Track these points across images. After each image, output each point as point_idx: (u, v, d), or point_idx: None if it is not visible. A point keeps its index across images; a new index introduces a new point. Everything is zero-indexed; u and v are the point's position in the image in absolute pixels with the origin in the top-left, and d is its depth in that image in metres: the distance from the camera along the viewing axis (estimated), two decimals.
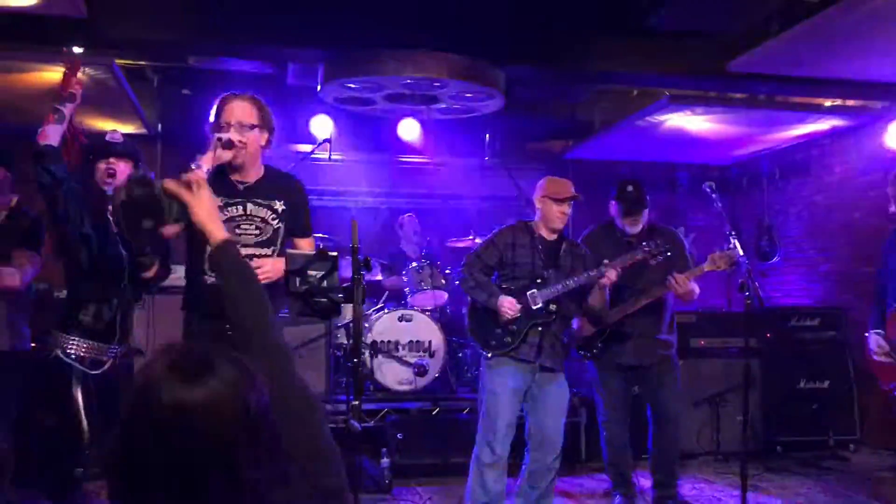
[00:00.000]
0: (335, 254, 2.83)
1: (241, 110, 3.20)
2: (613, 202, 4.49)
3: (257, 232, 3.22)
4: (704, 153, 8.02)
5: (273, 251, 3.24)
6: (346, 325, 5.77)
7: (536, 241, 4.03)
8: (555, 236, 4.08)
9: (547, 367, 3.94)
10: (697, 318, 6.33)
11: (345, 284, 2.87)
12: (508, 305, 3.85)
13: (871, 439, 6.38)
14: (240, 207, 3.21)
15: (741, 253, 3.92)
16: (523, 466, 4.08)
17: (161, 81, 6.92)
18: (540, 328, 3.92)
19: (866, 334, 4.45)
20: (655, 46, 5.41)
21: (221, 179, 3.18)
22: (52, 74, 5.53)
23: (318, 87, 5.38)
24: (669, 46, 5.41)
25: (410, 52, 5.08)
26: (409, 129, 6.73)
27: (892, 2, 4.25)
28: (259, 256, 3.15)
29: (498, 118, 6.54)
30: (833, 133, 7.11)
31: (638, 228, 4.42)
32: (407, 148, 7.24)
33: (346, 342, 5.83)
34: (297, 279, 2.82)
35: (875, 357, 4.34)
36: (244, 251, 3.11)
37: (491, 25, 5.20)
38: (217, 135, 3.12)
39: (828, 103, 6.45)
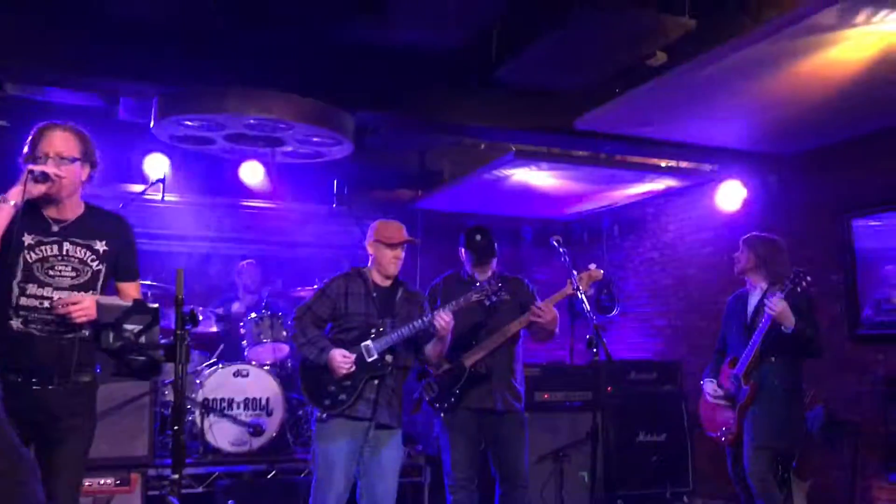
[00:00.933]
0: (155, 305, 2.51)
1: (61, 141, 2.95)
2: (463, 250, 4.41)
3: (74, 274, 2.93)
4: (548, 208, 8.20)
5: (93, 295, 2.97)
6: (173, 382, 5.31)
7: (371, 289, 3.86)
8: (389, 282, 3.92)
9: (384, 425, 3.74)
10: (542, 371, 6.33)
11: (166, 341, 2.55)
12: (341, 360, 3.64)
13: (703, 490, 6.57)
14: (55, 247, 2.92)
15: (586, 305, 3.91)
16: None
17: None
18: (376, 382, 3.71)
19: (701, 382, 4.57)
20: (504, 101, 5.44)
21: (34, 216, 2.90)
22: None
23: (152, 124, 5.00)
24: (518, 102, 5.46)
25: (255, 91, 4.81)
26: (251, 172, 6.40)
27: (723, 72, 4.46)
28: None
29: (346, 164, 6.38)
30: (668, 193, 7.45)
31: (487, 276, 4.35)
32: (250, 192, 6.90)
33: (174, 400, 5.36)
34: (111, 334, 2.47)
35: (710, 399, 4.46)
36: (58, 294, 2.85)
37: (341, 70, 5.05)
38: (30, 166, 2.81)
39: (664, 164, 6.74)
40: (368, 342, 3.71)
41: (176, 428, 2.38)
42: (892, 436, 5.11)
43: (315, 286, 6.25)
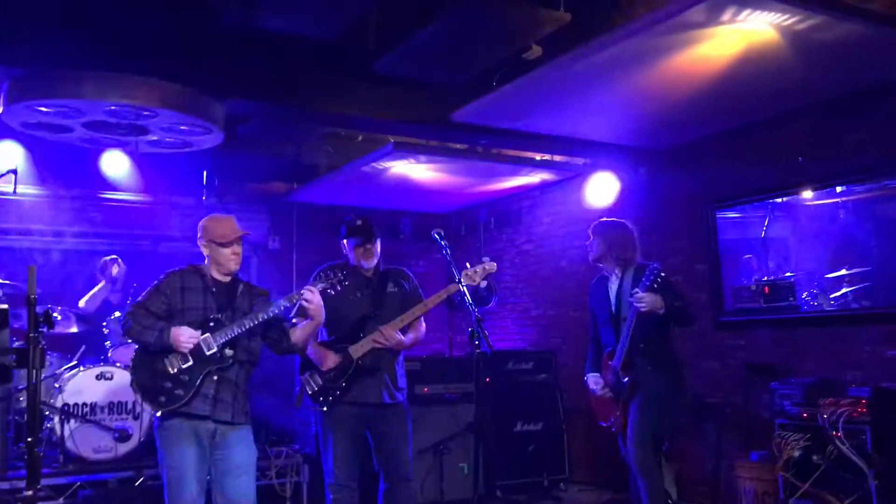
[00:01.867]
0: (4, 307, 2.29)
1: None
2: (346, 240, 4.30)
3: None
4: (427, 201, 8.20)
5: None
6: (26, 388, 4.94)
7: (209, 284, 3.70)
8: (229, 278, 3.77)
9: (225, 421, 3.57)
10: (421, 365, 6.32)
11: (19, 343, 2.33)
12: (188, 336, 3.48)
13: (578, 476, 6.75)
14: None
15: (469, 299, 3.90)
16: None
17: None
18: (215, 377, 3.55)
19: (585, 377, 4.65)
20: (382, 92, 5.36)
21: None
22: None
23: (0, 109, 4.61)
24: (396, 93, 5.40)
25: (115, 75, 4.52)
26: (114, 163, 6.03)
27: (596, 67, 4.56)
28: None
29: (218, 155, 6.13)
30: (542, 186, 7.60)
31: (373, 262, 4.28)
32: (113, 184, 6.51)
33: None
34: None
35: (598, 393, 4.54)
36: None
37: (211, 56, 4.82)
38: None
39: (538, 157, 6.86)
40: (207, 335, 3.54)
41: (30, 440, 2.19)
42: (752, 417, 5.39)
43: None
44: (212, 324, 3.57)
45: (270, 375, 6.00)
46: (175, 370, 3.50)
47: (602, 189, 6.62)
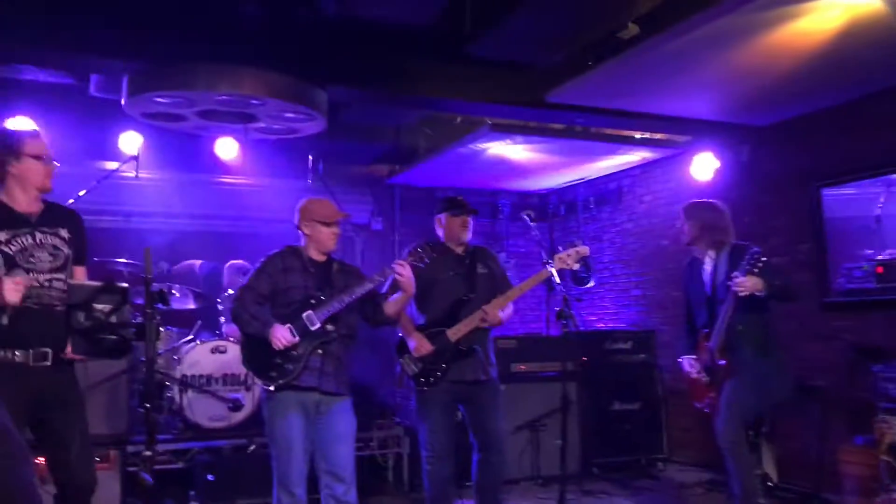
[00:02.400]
0: (125, 285, 2.53)
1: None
2: (444, 213, 4.43)
3: (52, 258, 3.18)
4: (525, 181, 8.22)
5: (67, 276, 3.19)
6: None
7: (307, 264, 3.91)
8: (324, 258, 3.97)
9: (330, 392, 3.79)
10: (518, 343, 6.41)
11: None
12: (280, 335, 3.69)
13: (677, 456, 6.71)
14: (28, 238, 3.17)
15: (558, 280, 3.96)
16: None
17: None
18: (320, 351, 3.77)
19: (679, 360, 4.63)
20: (478, 74, 5.44)
21: (8, 214, 3.20)
22: None
23: (123, 101, 4.96)
24: (491, 75, 5.46)
25: (226, 67, 4.78)
26: (226, 148, 6.36)
27: (693, 44, 4.49)
28: (55, 280, 3.13)
29: (322, 140, 6.35)
30: (643, 164, 7.51)
31: (467, 236, 4.43)
32: (225, 168, 6.87)
33: None
34: (81, 314, 2.49)
35: (693, 375, 4.52)
36: (41, 277, 3.09)
37: (314, 45, 5.03)
38: None
39: (638, 136, 6.79)
40: (310, 311, 3.76)
41: (147, 405, 2.42)
42: (857, 401, 5.23)
43: None
44: (313, 301, 3.77)
45: (372, 351, 6.25)
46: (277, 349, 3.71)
47: (702, 167, 6.50)
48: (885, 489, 4.46)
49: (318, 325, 3.74)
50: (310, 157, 6.86)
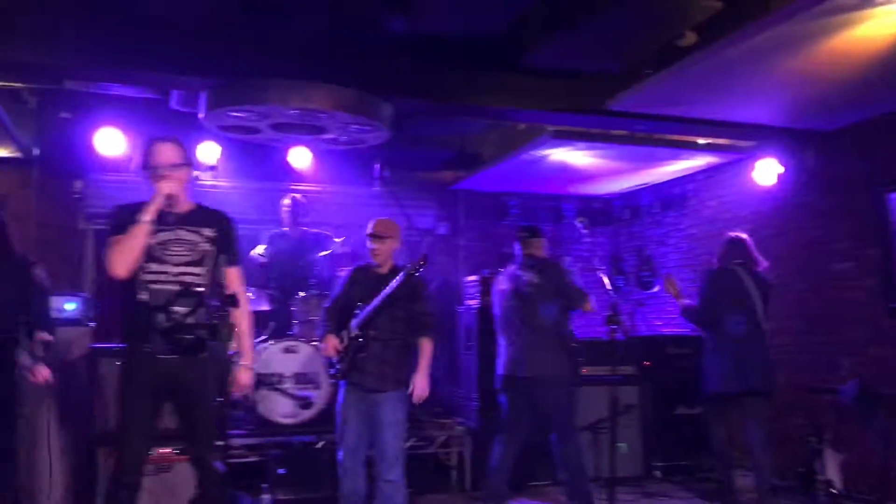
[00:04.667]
0: (201, 289, 2.77)
1: (171, 152, 3.54)
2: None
3: (186, 253, 3.42)
4: (588, 185, 8.30)
5: (205, 270, 3.41)
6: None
7: (370, 275, 4.48)
8: (385, 270, 4.46)
9: (372, 389, 4.30)
10: (581, 347, 6.48)
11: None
12: (324, 347, 4.42)
13: (742, 461, 6.66)
14: (170, 233, 3.43)
15: (609, 287, 4.08)
16: None
17: (39, 104, 6.63)
18: (363, 353, 4.30)
19: None
20: (539, 84, 5.56)
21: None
22: None
23: (201, 115, 5.28)
24: (552, 84, 5.57)
25: (295, 83, 5.04)
26: (299, 158, 6.67)
27: (751, 51, 4.53)
28: (189, 274, 3.33)
29: (388, 148, 6.56)
30: (707, 169, 7.50)
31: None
32: (297, 176, 7.17)
33: None
34: (162, 315, 2.74)
35: None
36: (174, 270, 3.32)
37: (377, 59, 5.24)
38: (165, 192, 3.38)
39: (701, 141, 6.79)
40: (352, 321, 4.36)
41: (220, 400, 2.66)
42: None
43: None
44: (356, 310, 4.33)
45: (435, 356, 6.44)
46: (339, 349, 4.35)
47: (767, 172, 6.47)
48: None
49: (355, 332, 4.30)
50: (376, 165, 7.08)
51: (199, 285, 3.29)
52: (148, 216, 3.28)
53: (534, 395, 4.97)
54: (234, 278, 3.53)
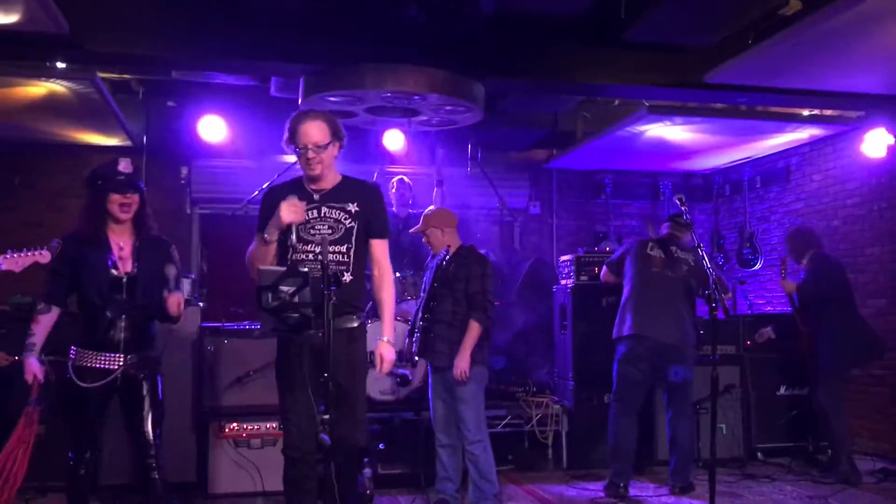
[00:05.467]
0: (307, 269, 2.88)
1: (316, 131, 3.40)
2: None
3: (330, 231, 3.41)
4: (686, 161, 8.11)
5: (348, 248, 3.43)
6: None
7: (434, 264, 4.75)
8: (444, 256, 4.69)
9: (444, 367, 4.57)
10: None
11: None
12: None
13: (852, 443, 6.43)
14: (314, 211, 3.43)
15: (708, 265, 4.00)
16: None
17: (146, 93, 6.96)
18: (431, 334, 4.64)
19: None
20: (634, 59, 5.48)
21: (300, 190, 3.46)
22: (36, 89, 5.59)
23: (299, 101, 5.43)
24: (648, 59, 5.48)
25: (389, 67, 5.13)
26: (394, 140, 6.78)
27: (858, 18, 4.33)
28: (334, 252, 3.36)
29: (481, 128, 6.59)
30: (812, 142, 7.21)
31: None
32: (391, 158, 7.28)
33: None
34: (269, 295, 2.86)
35: None
36: (317, 249, 3.33)
37: (469, 40, 5.26)
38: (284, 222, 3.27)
39: (806, 113, 6.54)
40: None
41: (325, 375, 2.76)
42: None
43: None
44: (407, 296, 4.74)
45: (530, 335, 6.47)
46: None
47: (877, 143, 6.18)
48: None
49: (422, 315, 4.71)
50: (469, 146, 7.12)
51: (342, 263, 3.32)
52: (272, 238, 3.28)
53: (663, 358, 5.12)
54: (378, 250, 3.52)
